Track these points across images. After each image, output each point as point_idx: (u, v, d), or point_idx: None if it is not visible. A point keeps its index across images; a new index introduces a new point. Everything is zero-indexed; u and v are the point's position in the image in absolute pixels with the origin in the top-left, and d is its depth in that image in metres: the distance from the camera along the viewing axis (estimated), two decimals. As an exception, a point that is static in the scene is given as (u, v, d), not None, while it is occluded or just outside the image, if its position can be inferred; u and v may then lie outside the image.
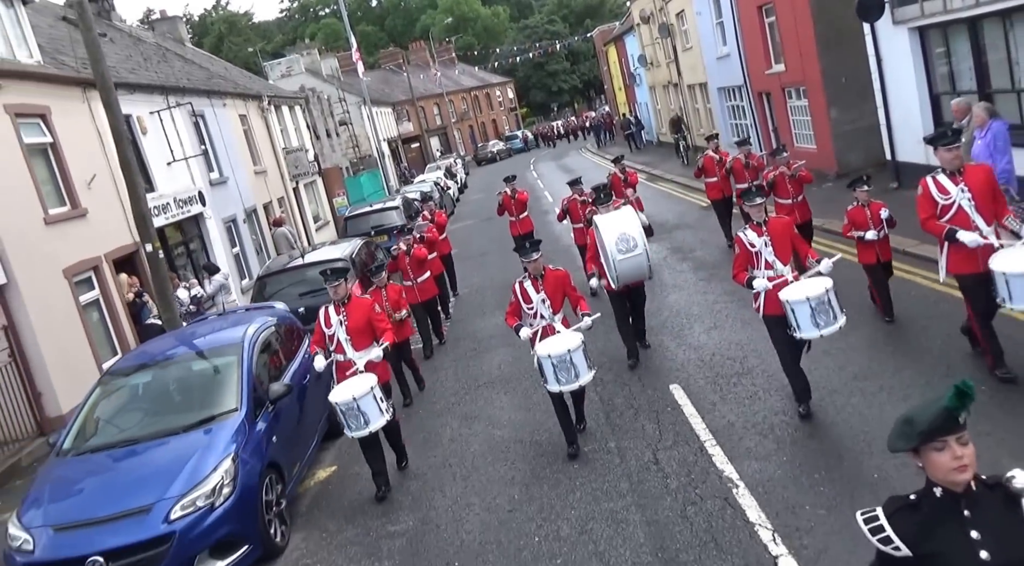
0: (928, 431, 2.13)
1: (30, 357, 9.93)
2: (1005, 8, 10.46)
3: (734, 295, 9.84)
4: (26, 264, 10.05)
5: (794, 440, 5.77)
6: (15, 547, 5.37)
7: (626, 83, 41.33)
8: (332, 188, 28.91)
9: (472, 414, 7.92)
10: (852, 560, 4.28)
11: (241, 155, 19.96)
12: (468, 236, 21.20)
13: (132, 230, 13.21)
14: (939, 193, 5.79)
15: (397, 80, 59.11)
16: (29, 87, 11.26)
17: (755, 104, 21.06)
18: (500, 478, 6.30)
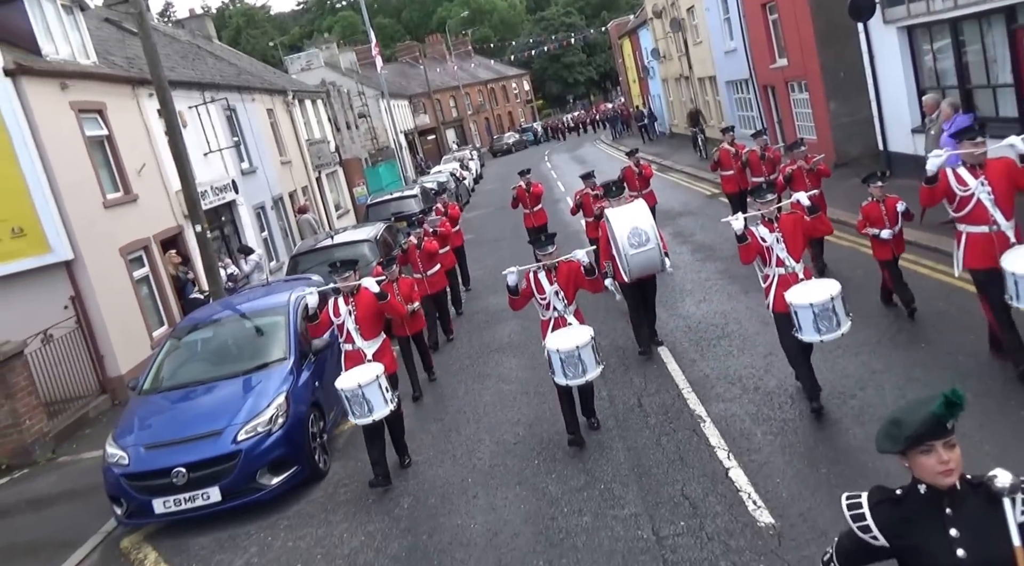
0: (915, 436, 2.16)
1: (93, 324, 11.15)
2: (981, 11, 11.33)
3: (725, 274, 10.85)
4: (89, 243, 11.26)
5: (756, 387, 6.80)
6: (112, 462, 6.57)
7: (640, 76, 42.12)
8: (352, 178, 30.08)
9: (484, 373, 9.01)
10: (788, 470, 5.33)
11: (269, 147, 21.15)
12: (483, 224, 22.29)
13: (175, 213, 14.49)
14: (958, 184, 5.73)
15: (414, 73, 60.20)
16: (89, 86, 12.45)
17: (760, 97, 21.93)
18: (507, 420, 7.38)
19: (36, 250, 10.83)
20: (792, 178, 9.51)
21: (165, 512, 6.38)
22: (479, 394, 8.32)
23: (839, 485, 4.86)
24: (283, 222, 20.47)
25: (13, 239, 10.77)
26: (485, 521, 5.58)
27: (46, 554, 6.60)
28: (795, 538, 4.53)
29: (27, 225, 10.76)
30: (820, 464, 5.30)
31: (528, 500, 5.75)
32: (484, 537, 5.38)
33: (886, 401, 5.88)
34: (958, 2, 11.59)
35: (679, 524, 4.93)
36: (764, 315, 8.47)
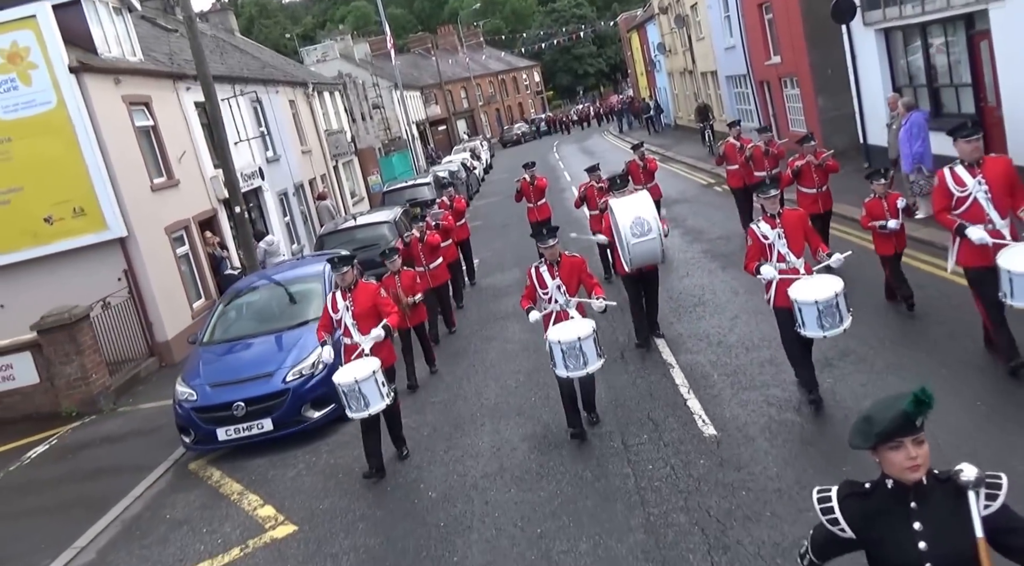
0: (885, 433, 2.23)
1: (143, 295, 12.51)
2: (945, 16, 12.48)
3: (708, 253, 12.10)
4: (139, 222, 12.61)
5: (719, 342, 8.06)
6: (182, 399, 7.95)
7: (647, 69, 43.20)
8: (367, 167, 31.40)
9: (490, 336, 10.32)
10: (734, 401, 6.61)
11: (290, 136, 22.46)
12: (492, 211, 23.57)
13: (211, 197, 15.84)
14: (955, 185, 5.73)
15: (425, 64, 61.38)
16: (137, 80, 13.79)
17: (757, 91, 23.08)
18: (510, 370, 8.69)
19: (95, 228, 12.19)
20: (800, 173, 9.56)
21: (227, 439, 7.75)
22: (486, 352, 9.63)
23: (774, 404, 6.17)
24: (304, 207, 21.82)
25: (75, 218, 12.13)
26: (491, 440, 6.91)
27: (128, 475, 7.97)
28: (730, 444, 5.83)
29: (87, 205, 12.12)
30: (761, 391, 6.58)
31: (525, 425, 7.07)
32: (489, 450, 6.71)
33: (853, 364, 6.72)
34: (925, 8, 12.75)
35: (643, 436, 6.24)
36: (736, 287, 9.77)
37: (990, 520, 2.23)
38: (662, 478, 5.60)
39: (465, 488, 6.16)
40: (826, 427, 5.85)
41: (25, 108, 11.86)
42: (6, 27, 11.71)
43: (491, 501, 5.85)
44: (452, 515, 5.79)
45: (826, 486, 2.44)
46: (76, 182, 12.01)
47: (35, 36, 11.74)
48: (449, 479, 6.39)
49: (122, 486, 7.69)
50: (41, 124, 11.86)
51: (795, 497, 4.96)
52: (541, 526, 5.34)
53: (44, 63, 11.77)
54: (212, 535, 6.35)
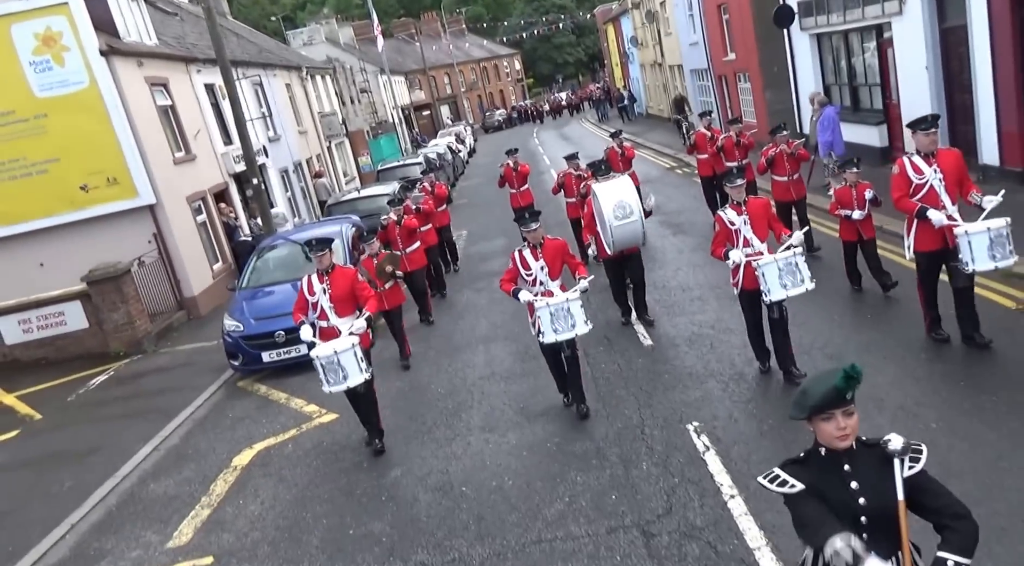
0: (818, 405, 2.47)
1: (171, 255, 14.22)
2: (861, 26, 14.55)
3: (664, 224, 14.08)
4: (166, 191, 14.29)
5: (663, 286, 10.06)
6: (230, 330, 9.77)
7: (622, 60, 45.14)
8: (357, 148, 33.05)
9: (480, 288, 12.22)
10: (668, 324, 8.59)
11: (288, 118, 24.08)
12: (477, 191, 25.46)
13: (222, 171, 17.51)
14: (914, 173, 6.24)
15: (409, 50, 62.68)
16: (156, 63, 15.40)
17: (716, 85, 25.12)
18: (498, 311, 10.61)
19: (127, 195, 13.85)
20: (773, 161, 9.92)
21: (270, 361, 9.64)
22: (477, 300, 11.57)
23: (696, 325, 8.18)
24: (303, 184, 23.51)
25: (109, 186, 13.78)
26: (484, 356, 8.87)
27: (186, 392, 9.79)
28: (661, 349, 7.84)
29: (119, 175, 13.76)
30: (688, 317, 8.57)
31: (510, 346, 9.02)
32: (483, 362, 8.67)
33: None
34: (846, 18, 14.83)
35: (599, 349, 8.21)
36: (681, 247, 11.76)
37: (910, 481, 2.50)
38: (611, 372, 7.60)
39: (466, 385, 8.11)
40: (732, 338, 7.84)
41: (59, 87, 13.37)
42: (40, 12, 13.16)
43: (485, 392, 7.81)
44: (457, 402, 7.75)
45: (768, 471, 2.68)
46: (108, 154, 13.63)
47: (68, 21, 13.24)
48: (453, 381, 8.33)
49: (184, 399, 9.52)
50: (74, 102, 13.40)
51: (700, 375, 7.00)
52: (523, 403, 7.32)
53: (76, 46, 13.28)
54: (271, 424, 8.23)
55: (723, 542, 4.76)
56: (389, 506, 6.10)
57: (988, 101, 11.35)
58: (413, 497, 6.15)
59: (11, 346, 12.27)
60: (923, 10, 12.45)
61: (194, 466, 7.59)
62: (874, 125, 14.86)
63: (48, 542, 6.46)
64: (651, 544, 4.92)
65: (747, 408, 6.44)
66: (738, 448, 5.82)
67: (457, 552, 5.29)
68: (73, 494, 7.31)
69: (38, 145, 13.31)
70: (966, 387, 5.98)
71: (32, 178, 13.44)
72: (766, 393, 6.70)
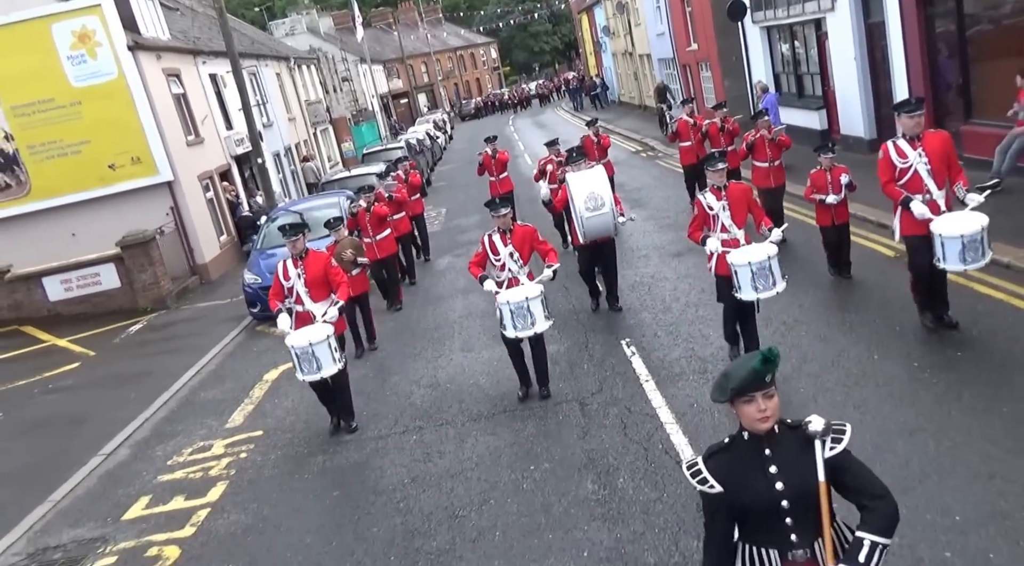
0: (739, 388, 2.53)
1: (186, 227, 15.99)
2: (803, 20, 16.58)
3: (625, 200, 16.00)
4: (181, 169, 16.03)
5: (629, 266, 12.00)
6: (250, 282, 11.63)
7: (595, 49, 47.01)
8: (340, 135, 34.72)
9: (460, 254, 14.08)
10: (627, 289, 10.56)
11: (279, 105, 25.74)
12: (455, 174, 27.33)
13: (225, 154, 19.22)
14: (898, 157, 6.14)
15: (387, 39, 64.03)
16: (170, 56, 17.09)
17: (680, 73, 27.14)
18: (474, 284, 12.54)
19: (148, 173, 15.60)
20: (754, 147, 9.99)
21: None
22: (456, 263, 13.44)
23: (652, 288, 10.16)
24: (293, 167, 25.23)
25: (132, 165, 15.52)
26: (463, 303, 10.81)
27: (212, 335, 11.63)
28: (638, 317, 9.82)
29: (142, 155, 15.50)
30: (637, 270, 10.55)
31: (487, 296, 10.95)
32: (462, 307, 10.62)
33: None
34: (790, 13, 16.86)
35: (567, 307, 10.12)
36: (639, 219, 13.69)
37: (831, 462, 2.55)
38: (566, 310, 9.57)
39: (448, 322, 10.06)
40: (665, 284, 9.83)
41: (92, 78, 15.13)
42: (77, 13, 14.93)
43: (464, 326, 9.76)
44: (443, 333, 9.70)
45: (692, 459, 2.73)
46: (133, 137, 15.37)
47: (100, 20, 14.99)
48: (438, 320, 10.27)
49: (212, 339, 11.37)
50: (105, 91, 15.15)
51: (636, 309, 9.00)
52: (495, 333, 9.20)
53: (108, 42, 15.03)
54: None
55: (635, 406, 6.76)
56: (391, 398, 8.05)
57: (903, 87, 13.37)
58: (409, 392, 8.10)
59: (55, 302, 14.05)
60: (851, 7, 14.41)
61: (232, 381, 9.48)
62: (815, 110, 16.92)
63: (132, 426, 8.41)
64: (585, 410, 6.91)
65: (668, 329, 8.39)
66: (656, 353, 7.79)
67: (443, 420, 7.25)
68: (140, 400, 9.21)
69: (73, 129, 15.03)
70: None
71: (67, 158, 15.15)
72: (685, 320, 8.66)
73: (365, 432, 7.33)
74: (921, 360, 6.33)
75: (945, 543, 4.21)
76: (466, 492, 5.88)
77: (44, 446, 8.53)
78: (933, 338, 6.61)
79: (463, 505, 5.71)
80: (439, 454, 6.60)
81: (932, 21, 12.46)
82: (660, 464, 5.71)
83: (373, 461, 6.72)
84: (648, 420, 6.42)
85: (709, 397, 2.68)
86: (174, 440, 8.08)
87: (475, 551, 5.13)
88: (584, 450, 6.16)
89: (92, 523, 6.62)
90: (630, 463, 5.81)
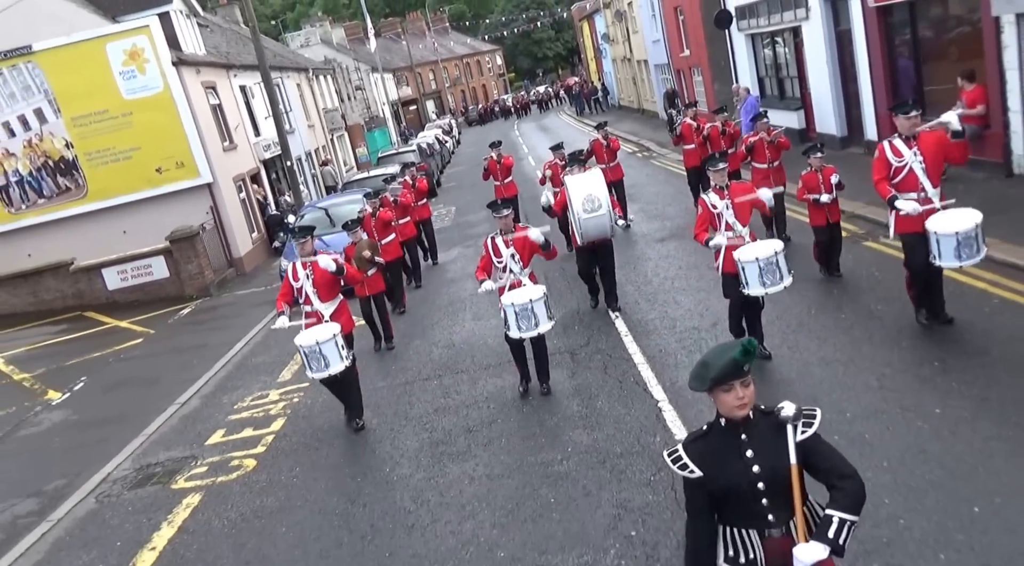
0: (719, 377, 2.66)
1: (224, 224, 17.73)
2: (782, 28, 18.17)
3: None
4: (219, 172, 17.78)
5: (635, 268, 13.66)
6: (286, 269, 13.25)
7: (596, 55, 48.71)
8: (354, 140, 36.53)
9: (469, 244, 15.77)
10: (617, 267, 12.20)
11: (300, 113, 27.53)
12: (463, 175, 29.03)
13: (255, 159, 20.99)
14: (894, 156, 6.25)
15: (396, 48, 65.97)
16: (207, 70, 18.87)
17: (675, 78, 28.76)
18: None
19: (191, 175, 17.35)
20: (754, 149, 10.12)
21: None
22: (465, 254, 15.09)
23: (636, 266, 11.78)
24: (313, 170, 27.01)
25: (177, 169, 17.28)
26: (473, 284, 12.35)
27: (253, 317, 13.29)
28: (623, 289, 11.44)
29: (185, 160, 17.25)
30: (630, 262, 12.15)
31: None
32: (474, 286, 12.16)
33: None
34: (771, 21, 18.45)
35: (562, 284, 11.75)
36: (632, 211, 15.30)
37: (803, 445, 2.73)
38: (562, 287, 11.19)
39: (461, 300, 11.69)
40: (647, 263, 11.41)
41: (141, 91, 16.90)
42: (129, 33, 16.70)
43: (476, 302, 11.36)
44: (456, 307, 11.34)
45: (673, 448, 2.88)
46: (177, 143, 17.12)
47: (148, 40, 16.75)
48: (451, 297, 11.91)
49: (253, 319, 13.05)
50: (152, 102, 16.91)
51: (622, 283, 10.60)
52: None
53: (155, 59, 16.79)
54: (326, 324, 11.79)
55: (615, 353, 8.35)
56: (415, 356, 9.69)
57: (867, 89, 14.94)
58: (429, 351, 9.74)
59: (112, 291, 15.84)
60: (822, 17, 15.99)
61: (278, 349, 11.13)
62: (794, 110, 18.48)
63: (199, 384, 10.10)
64: (575, 357, 8.50)
65: (648, 297, 9.96)
66: (636, 316, 9.37)
67: (459, 369, 8.88)
68: (201, 365, 10.91)
69: (124, 137, 16.82)
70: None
71: (119, 163, 16.94)
72: (662, 290, 10.24)
73: (395, 378, 8.98)
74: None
75: (836, 431, 5.58)
76: (478, 415, 7.50)
77: (128, 399, 10.22)
78: (927, 332, 6.82)
79: (476, 424, 7.33)
80: (456, 392, 8.23)
81: (891, 29, 14.03)
82: (631, 391, 7.30)
83: (403, 399, 8.35)
84: (624, 362, 8.00)
85: (688, 386, 2.81)
86: (236, 392, 9.76)
87: (487, 451, 6.75)
88: (573, 385, 7.76)
89: (182, 447, 8.29)
90: (608, 391, 7.41)
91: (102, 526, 6.88)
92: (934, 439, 5.13)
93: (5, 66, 16.56)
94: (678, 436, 6.13)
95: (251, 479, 7.16)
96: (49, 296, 16.22)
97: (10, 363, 13.22)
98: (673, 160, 20.43)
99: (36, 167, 17.17)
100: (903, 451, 5.08)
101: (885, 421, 5.60)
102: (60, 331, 14.82)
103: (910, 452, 5.05)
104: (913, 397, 5.83)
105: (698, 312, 8.86)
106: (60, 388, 11.29)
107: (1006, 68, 10.05)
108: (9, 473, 8.66)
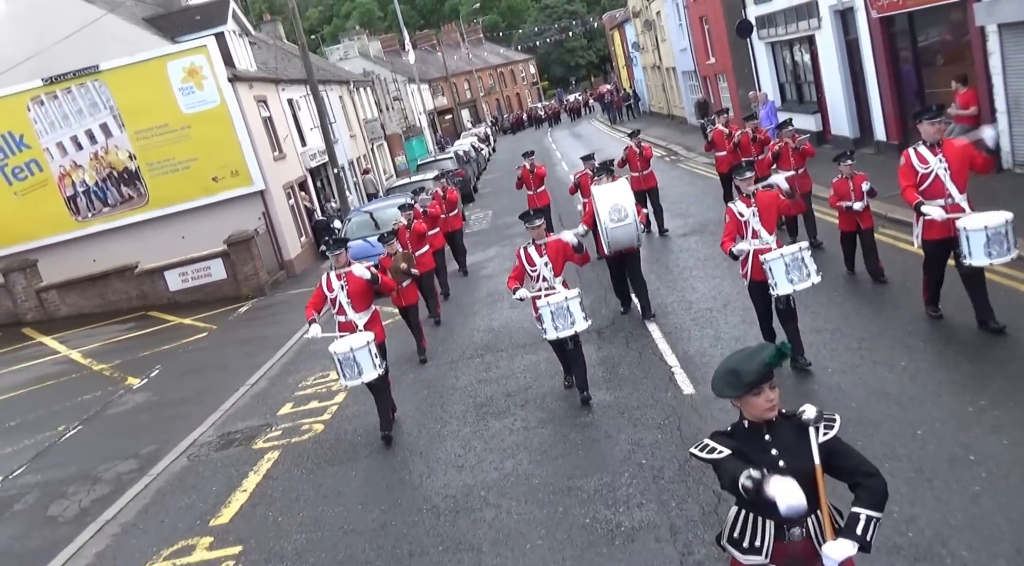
0: (753, 382, 2.71)
1: (275, 229, 19.08)
2: (800, 36, 18.99)
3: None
4: (270, 180, 19.14)
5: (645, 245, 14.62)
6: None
7: (627, 63, 49.62)
8: (393, 149, 37.97)
9: (505, 243, 16.84)
10: (646, 270, 13.15)
11: (343, 124, 28.97)
12: (498, 181, 30.17)
13: (302, 167, 22.38)
14: (919, 163, 6.28)
15: (432, 59, 67.60)
16: (258, 85, 20.31)
17: (701, 85, 29.57)
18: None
19: (244, 183, 18.73)
20: (779, 156, 10.22)
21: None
22: (502, 253, 16.15)
23: (660, 258, 12.74)
24: (355, 178, 28.40)
25: (232, 177, 18.68)
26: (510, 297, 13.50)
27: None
28: (647, 278, 12.41)
29: (240, 169, 18.64)
30: (656, 257, 13.09)
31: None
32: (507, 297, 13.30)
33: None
34: (788, 30, 19.28)
35: (591, 275, 12.72)
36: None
37: (825, 447, 2.80)
38: (591, 278, 12.18)
39: (499, 292, 12.70)
40: (670, 255, 12.32)
41: (199, 105, 18.34)
42: (187, 53, 18.18)
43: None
44: (494, 298, 12.39)
45: (699, 440, 2.95)
46: (232, 154, 18.52)
47: (206, 58, 18.20)
48: (490, 290, 12.97)
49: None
50: (209, 116, 18.34)
51: (646, 273, 11.57)
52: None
53: (212, 75, 18.23)
54: (376, 315, 12.95)
55: (636, 331, 9.32)
56: (458, 339, 10.76)
57: (875, 93, 15.78)
58: (471, 335, 10.80)
59: (174, 291, 17.22)
60: (833, 26, 16.90)
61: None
62: (812, 114, 19.26)
63: (265, 368, 11.31)
64: (601, 335, 9.47)
65: (668, 284, 10.92)
66: (656, 300, 10.25)
67: (498, 349, 9.92)
68: (264, 353, 12.13)
69: (183, 148, 18.27)
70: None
71: (178, 173, 18.40)
72: (681, 278, 11.16)
73: (440, 358, 10.06)
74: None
75: (817, 382, 6.66)
76: (516, 383, 8.54)
77: (202, 382, 11.46)
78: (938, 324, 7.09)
79: (514, 390, 8.37)
80: (496, 367, 9.28)
81: (894, 37, 14.84)
82: (649, 361, 8.28)
83: (449, 373, 9.42)
84: (644, 337, 8.99)
85: (715, 393, 2.82)
86: (299, 373, 10.93)
87: (523, 409, 7.78)
88: (599, 357, 8.75)
89: (256, 418, 9.47)
90: (629, 361, 8.40)
91: (197, 477, 8.05)
92: (895, 385, 6.05)
93: (74, 84, 18.12)
94: (686, 392, 7.12)
95: (321, 439, 8.28)
96: (115, 297, 17.65)
97: (87, 357, 14.61)
98: (700, 164, 21.30)
99: (102, 178, 18.70)
100: (868, 394, 6.02)
101: (859, 373, 6.51)
102: (128, 329, 16.21)
103: (875, 395, 5.99)
104: (885, 354, 6.74)
105: (711, 295, 9.82)
106: (138, 375, 12.59)
107: (992, 73, 10.83)
108: (105, 442, 9.91)
